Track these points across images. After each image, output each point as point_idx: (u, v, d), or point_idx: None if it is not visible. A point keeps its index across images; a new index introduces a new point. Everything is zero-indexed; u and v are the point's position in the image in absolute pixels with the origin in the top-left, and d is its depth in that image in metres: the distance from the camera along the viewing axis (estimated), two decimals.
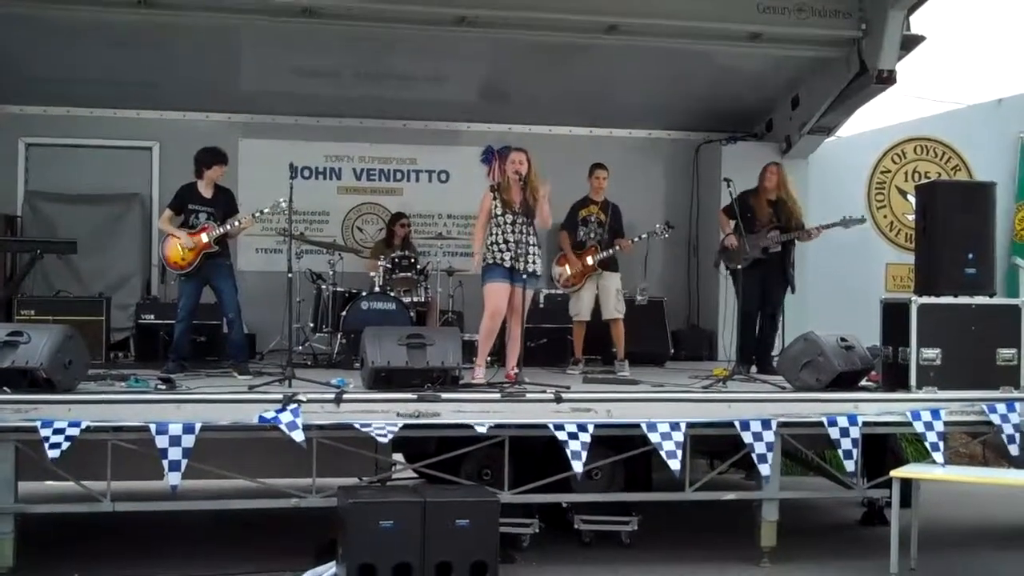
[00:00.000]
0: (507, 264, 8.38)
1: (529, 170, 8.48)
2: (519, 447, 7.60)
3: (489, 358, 8.75)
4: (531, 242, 8.48)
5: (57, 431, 6.72)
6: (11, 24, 9.72)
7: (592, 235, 9.88)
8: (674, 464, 7.41)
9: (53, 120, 11.51)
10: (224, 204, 9.02)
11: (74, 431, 6.74)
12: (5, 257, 10.86)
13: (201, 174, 9.00)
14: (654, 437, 7.43)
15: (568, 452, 7.30)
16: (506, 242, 8.41)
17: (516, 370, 8.11)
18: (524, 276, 8.33)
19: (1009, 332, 8.22)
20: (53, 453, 6.68)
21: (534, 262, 8.49)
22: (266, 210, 8.99)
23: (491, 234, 8.51)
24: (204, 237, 8.83)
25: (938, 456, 7.78)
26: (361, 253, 11.42)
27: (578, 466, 7.31)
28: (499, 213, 8.49)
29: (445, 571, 6.86)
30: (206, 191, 9.01)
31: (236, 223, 8.97)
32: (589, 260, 9.76)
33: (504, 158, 8.64)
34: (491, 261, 8.46)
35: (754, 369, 9.50)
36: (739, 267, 9.48)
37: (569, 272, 9.86)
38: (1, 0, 9.29)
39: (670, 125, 12.61)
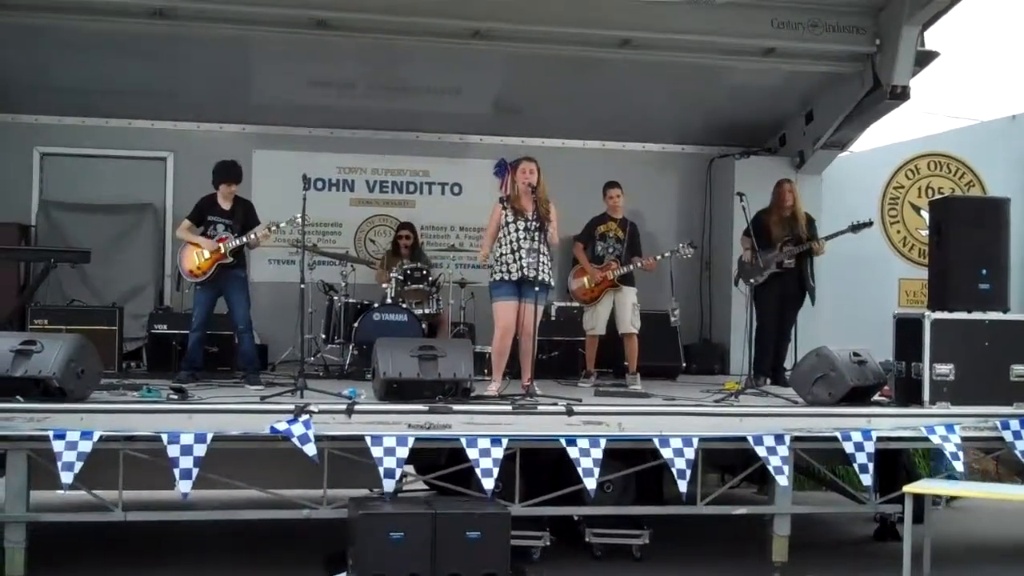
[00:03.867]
0: (515, 277, 8.31)
1: (539, 180, 8.44)
2: (531, 459, 7.59)
3: None
4: (543, 251, 8.33)
5: (70, 445, 6.69)
6: (27, 34, 9.77)
7: (610, 250, 9.85)
8: (683, 485, 7.39)
9: (68, 130, 11.54)
10: (243, 216, 9.04)
11: (86, 446, 6.72)
12: (19, 266, 10.88)
13: (217, 187, 9.03)
14: (666, 453, 7.42)
15: (580, 470, 7.29)
16: (514, 251, 8.32)
17: (530, 382, 8.09)
18: (536, 289, 8.22)
19: (1023, 348, 8.20)
20: (67, 478, 6.67)
21: (547, 272, 8.38)
22: (283, 224, 9.02)
23: (499, 245, 8.43)
24: (221, 248, 8.85)
25: (958, 465, 7.75)
26: (373, 265, 11.42)
27: (591, 483, 7.30)
28: (510, 220, 8.40)
29: None
30: (224, 203, 9.03)
31: (253, 235, 9.00)
32: (609, 275, 9.73)
33: (515, 168, 8.60)
34: (499, 277, 8.39)
35: (768, 382, 9.47)
36: (756, 282, 9.49)
37: (587, 285, 9.84)
38: (17, 10, 9.35)
39: (683, 139, 12.61)
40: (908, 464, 9.35)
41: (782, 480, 7.57)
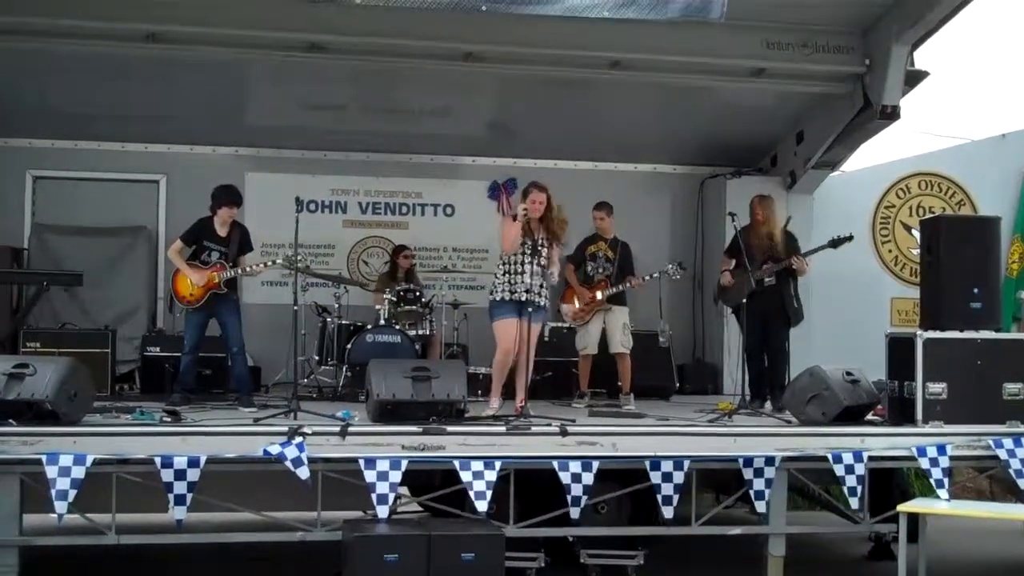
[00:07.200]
0: (520, 298, 8.35)
1: (548, 208, 8.49)
2: (525, 480, 7.58)
3: None
4: (543, 274, 8.46)
5: (63, 471, 6.66)
6: (20, 57, 9.79)
7: (600, 270, 9.87)
8: (668, 512, 7.40)
9: (61, 153, 11.56)
10: (238, 243, 9.07)
11: (80, 472, 6.69)
12: (12, 289, 10.88)
13: (215, 212, 9.04)
14: (655, 478, 7.42)
15: (569, 498, 7.30)
16: (520, 273, 8.37)
17: (523, 403, 8.09)
18: (531, 310, 8.28)
19: (1015, 366, 8.22)
20: (61, 508, 6.65)
21: (545, 295, 8.50)
22: (279, 260, 9.04)
23: (504, 263, 8.47)
24: (216, 278, 8.85)
25: (943, 493, 7.74)
26: (366, 286, 11.43)
27: (575, 512, 7.32)
28: (520, 242, 8.42)
29: None
30: (221, 229, 9.04)
31: (248, 268, 9.04)
32: (599, 295, 9.75)
33: (525, 193, 8.59)
34: (502, 297, 8.41)
35: (768, 406, 9.36)
36: (738, 303, 9.42)
37: (577, 305, 9.84)
38: (10, 33, 9.36)
39: (675, 159, 12.66)
40: (903, 483, 9.34)
41: (760, 506, 7.58)
